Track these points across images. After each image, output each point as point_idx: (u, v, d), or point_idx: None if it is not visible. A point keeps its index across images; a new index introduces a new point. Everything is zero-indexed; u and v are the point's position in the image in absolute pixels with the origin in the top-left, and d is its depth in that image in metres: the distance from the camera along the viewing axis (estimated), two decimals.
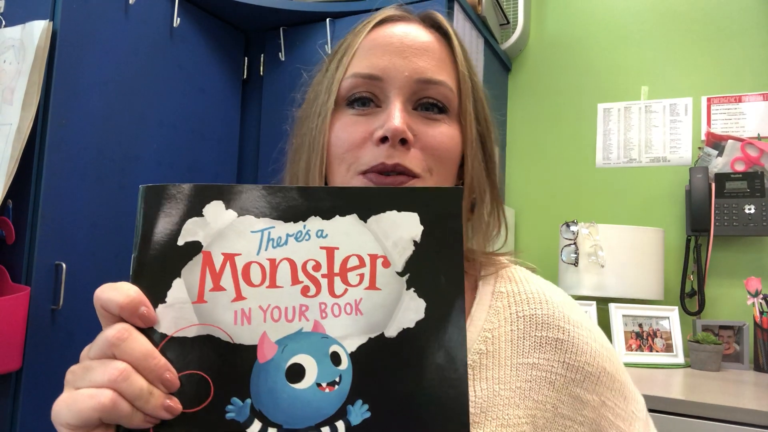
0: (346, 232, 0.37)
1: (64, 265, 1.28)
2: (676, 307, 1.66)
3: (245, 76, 1.88)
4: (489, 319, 0.57)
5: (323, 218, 0.37)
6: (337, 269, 0.37)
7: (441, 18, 0.60)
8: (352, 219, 0.38)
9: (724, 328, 1.61)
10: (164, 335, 0.36)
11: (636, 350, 1.58)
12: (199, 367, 0.36)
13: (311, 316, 0.37)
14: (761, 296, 1.54)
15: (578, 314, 0.60)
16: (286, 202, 0.37)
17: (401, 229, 0.38)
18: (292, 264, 0.37)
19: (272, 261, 0.37)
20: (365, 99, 0.55)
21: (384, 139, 0.52)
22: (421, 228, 0.38)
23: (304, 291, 0.37)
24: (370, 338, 0.37)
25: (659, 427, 1.15)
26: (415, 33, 0.57)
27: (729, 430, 1.10)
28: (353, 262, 0.37)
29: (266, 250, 0.37)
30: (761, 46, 1.80)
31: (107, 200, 1.41)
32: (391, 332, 0.37)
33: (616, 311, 1.62)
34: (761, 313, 1.53)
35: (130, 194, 1.47)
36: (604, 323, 1.64)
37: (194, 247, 0.37)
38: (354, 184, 0.54)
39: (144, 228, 0.37)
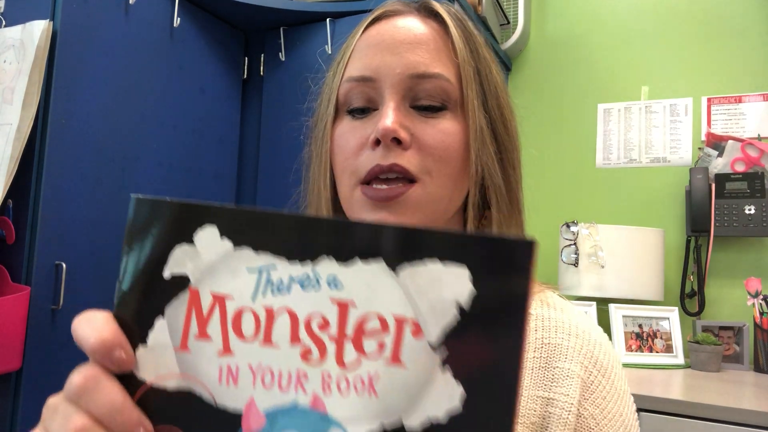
0: (367, 284, 0.29)
1: (64, 265, 1.28)
2: (676, 308, 1.66)
3: (245, 76, 1.88)
4: None
5: (339, 261, 0.29)
6: (350, 332, 0.29)
7: (436, 4, 0.56)
8: (378, 267, 0.29)
9: (724, 328, 1.61)
10: (143, 382, 0.30)
11: (636, 351, 1.58)
12: (178, 426, 0.30)
13: (310, 388, 0.29)
14: (761, 297, 1.54)
15: (611, 359, 0.54)
16: (293, 235, 0.30)
17: (443, 287, 0.28)
18: (294, 318, 0.29)
19: (269, 310, 0.30)
20: (364, 108, 0.53)
21: (378, 141, 0.50)
22: (471, 289, 0.28)
23: (305, 355, 0.29)
24: (384, 428, 0.28)
25: (659, 427, 1.15)
26: (408, 26, 0.54)
27: (729, 431, 1.10)
28: (373, 324, 0.29)
29: (264, 295, 0.30)
30: (761, 46, 1.80)
31: (107, 200, 1.41)
32: (413, 423, 0.28)
33: (616, 312, 1.62)
34: (761, 313, 1.53)
35: (130, 194, 1.47)
36: (604, 324, 1.64)
37: (181, 282, 0.30)
38: (355, 195, 0.52)
39: (129, 249, 0.31)
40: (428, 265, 0.28)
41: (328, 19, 1.69)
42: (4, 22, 1.37)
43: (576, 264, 1.68)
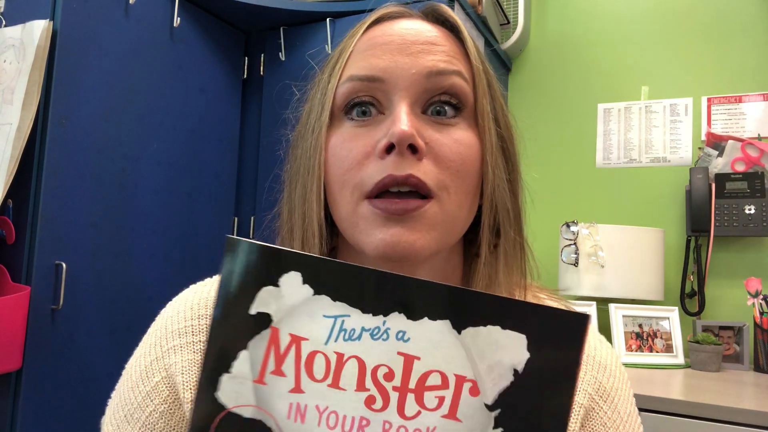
0: (432, 341, 0.31)
1: (64, 265, 1.28)
2: (676, 308, 1.66)
3: (245, 76, 1.88)
4: None
5: (408, 317, 0.31)
6: (412, 384, 0.31)
7: (447, 10, 0.52)
8: (443, 326, 0.31)
9: (724, 328, 1.61)
10: (224, 406, 0.32)
11: (636, 351, 1.58)
12: None
13: None
14: (761, 297, 1.54)
15: (616, 381, 0.52)
16: (368, 288, 0.32)
17: (501, 352, 0.31)
18: (362, 365, 0.31)
19: (340, 356, 0.32)
20: (365, 104, 0.47)
21: (390, 149, 0.44)
22: (527, 355, 0.30)
23: (369, 402, 0.31)
24: None
25: (659, 427, 1.15)
26: (418, 28, 0.49)
27: (729, 431, 1.10)
28: (434, 379, 0.31)
29: (336, 341, 0.32)
30: (761, 46, 1.80)
31: (107, 200, 1.41)
32: None
33: (616, 312, 1.62)
34: (761, 313, 1.53)
35: (130, 194, 1.47)
36: (604, 324, 1.64)
37: (264, 320, 0.33)
38: (361, 211, 0.46)
39: (224, 285, 0.33)
40: (489, 329, 0.31)
41: (328, 19, 1.69)
42: (4, 22, 1.37)
43: (576, 264, 1.68)
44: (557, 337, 0.30)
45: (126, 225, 1.46)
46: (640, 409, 1.14)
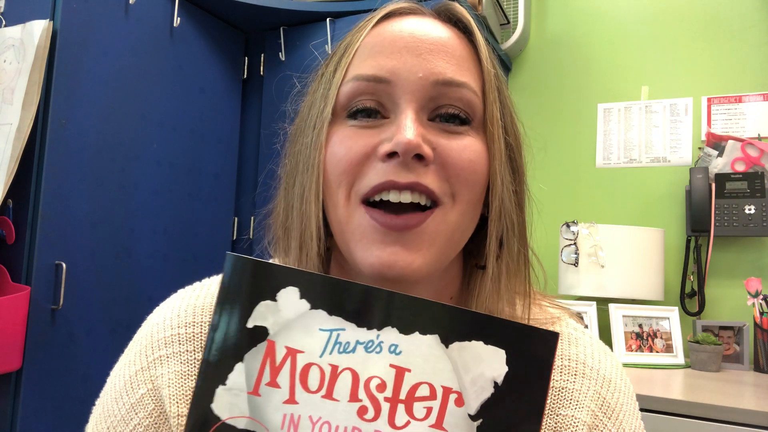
0: (422, 354, 0.33)
1: (64, 265, 1.28)
2: (676, 308, 1.66)
3: (245, 76, 1.88)
4: None
5: (401, 332, 0.33)
6: (403, 395, 0.33)
7: (461, 10, 0.49)
8: (432, 340, 0.33)
9: (724, 328, 1.61)
10: (218, 418, 0.33)
11: (636, 351, 1.58)
12: None
13: None
14: (761, 297, 1.54)
15: (621, 396, 0.51)
16: (363, 304, 0.34)
17: (484, 365, 0.33)
18: (355, 377, 0.33)
19: (334, 368, 0.33)
20: (370, 110, 0.45)
21: (392, 155, 0.42)
22: (506, 369, 0.33)
23: (361, 412, 0.33)
24: None
25: (659, 427, 1.15)
26: (429, 27, 0.46)
27: (729, 431, 1.10)
28: (423, 391, 0.33)
29: (330, 353, 0.33)
30: (761, 46, 1.80)
31: (107, 200, 1.41)
32: None
33: (616, 312, 1.62)
34: (761, 313, 1.53)
35: (130, 194, 1.47)
36: (604, 324, 1.64)
37: (261, 333, 0.34)
38: (357, 218, 0.44)
39: (222, 300, 0.35)
40: (474, 344, 0.33)
41: (328, 19, 1.69)
42: (4, 22, 1.37)
43: (576, 264, 1.68)
44: (531, 353, 0.33)
45: (126, 225, 1.46)
46: (640, 410, 1.14)
